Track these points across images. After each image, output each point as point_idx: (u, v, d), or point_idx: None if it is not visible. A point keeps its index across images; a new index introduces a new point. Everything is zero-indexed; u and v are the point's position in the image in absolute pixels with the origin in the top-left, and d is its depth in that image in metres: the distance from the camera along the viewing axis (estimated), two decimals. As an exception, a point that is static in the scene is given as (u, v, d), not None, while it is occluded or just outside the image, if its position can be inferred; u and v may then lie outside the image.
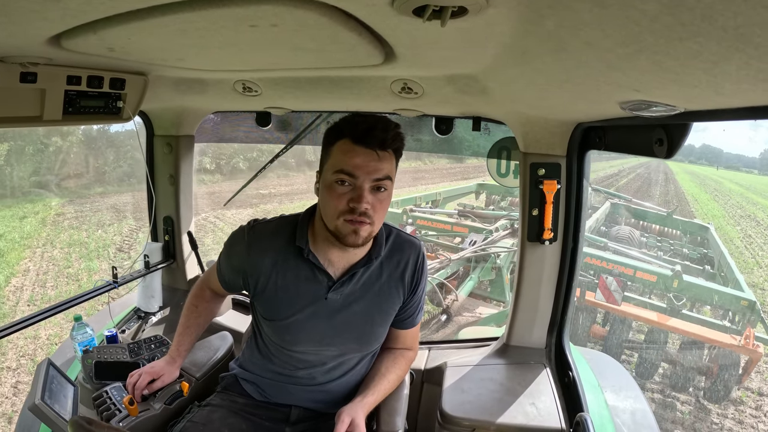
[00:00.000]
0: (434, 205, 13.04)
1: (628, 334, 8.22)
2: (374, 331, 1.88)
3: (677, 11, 0.61)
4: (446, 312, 7.80)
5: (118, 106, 1.98)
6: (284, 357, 1.86)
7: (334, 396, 1.92)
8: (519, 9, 0.82)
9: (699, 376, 7.73)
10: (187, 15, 0.94)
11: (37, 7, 0.90)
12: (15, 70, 1.50)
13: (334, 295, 1.76)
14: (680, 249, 12.15)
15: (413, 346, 2.07)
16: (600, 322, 8.58)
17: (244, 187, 3.55)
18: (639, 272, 8.43)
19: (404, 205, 11.67)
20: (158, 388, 1.96)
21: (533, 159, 2.18)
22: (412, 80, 1.76)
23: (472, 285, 8.36)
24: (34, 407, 1.77)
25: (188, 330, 2.04)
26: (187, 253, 3.16)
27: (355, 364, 1.92)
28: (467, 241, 9.47)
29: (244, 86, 2.09)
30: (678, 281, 8.11)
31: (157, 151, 2.96)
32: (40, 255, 12.23)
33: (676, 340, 8.31)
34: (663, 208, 15.42)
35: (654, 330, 8.00)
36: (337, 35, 1.08)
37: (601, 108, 1.51)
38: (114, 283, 2.68)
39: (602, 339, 8.30)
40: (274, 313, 1.80)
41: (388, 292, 1.84)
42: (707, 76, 0.83)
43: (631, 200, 14.80)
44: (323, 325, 1.78)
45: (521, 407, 2.11)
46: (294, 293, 1.76)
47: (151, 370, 1.97)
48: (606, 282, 8.06)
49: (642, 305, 8.30)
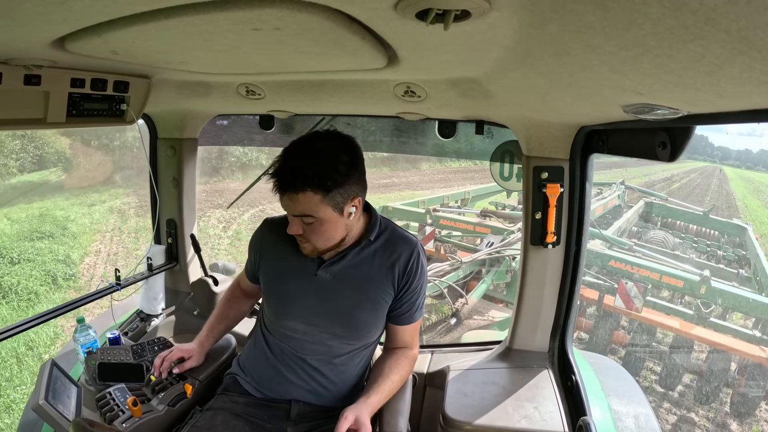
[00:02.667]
0: (463, 204, 12.88)
1: (651, 342, 7.89)
2: (360, 317, 1.93)
3: (680, 14, 0.61)
4: (456, 315, 7.75)
5: (122, 108, 1.99)
6: (278, 335, 1.98)
7: (330, 390, 1.96)
8: (522, 12, 0.82)
9: (725, 389, 7.34)
10: (190, 18, 0.95)
11: (42, 10, 0.91)
12: (19, 72, 1.50)
13: (323, 273, 1.90)
14: (716, 250, 11.82)
15: (413, 344, 2.09)
16: (625, 327, 8.31)
17: (248, 190, 3.57)
18: (665, 277, 8.09)
19: (431, 204, 11.56)
20: (187, 368, 2.08)
21: (536, 162, 2.18)
22: (415, 84, 1.76)
23: (485, 288, 8.24)
24: (37, 407, 1.78)
25: (220, 319, 2.22)
26: (190, 256, 3.16)
27: (348, 358, 1.97)
28: (484, 243, 9.38)
29: (247, 89, 2.10)
30: (705, 287, 7.74)
31: (161, 154, 2.97)
32: (110, 238, 13.48)
33: (703, 349, 7.76)
34: (699, 207, 14.92)
35: (678, 338, 7.61)
36: (340, 39, 1.08)
37: (604, 111, 1.51)
38: (117, 285, 2.69)
39: (624, 346, 8.01)
40: (271, 284, 1.99)
41: (378, 281, 1.91)
42: (710, 79, 0.83)
43: (666, 199, 14.49)
44: (312, 300, 1.91)
45: (524, 411, 2.11)
46: (287, 263, 1.94)
47: (183, 348, 2.10)
48: (625, 287, 7.73)
49: (667, 311, 7.94)
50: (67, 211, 14.66)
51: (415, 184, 24.26)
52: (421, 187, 22.73)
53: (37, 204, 15.08)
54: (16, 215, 13.91)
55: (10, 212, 14.12)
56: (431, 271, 8.22)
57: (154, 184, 2.95)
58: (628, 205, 13.57)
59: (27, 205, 14.84)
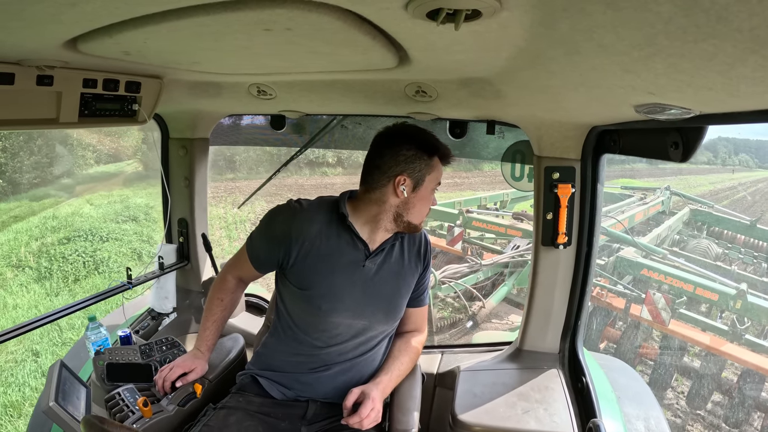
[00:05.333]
0: (502, 206, 12.71)
1: (681, 357, 7.44)
2: (399, 303, 2.03)
3: (691, 13, 0.61)
4: (472, 318, 7.69)
5: (134, 109, 2.00)
6: (316, 333, 1.94)
7: (353, 380, 1.97)
8: (532, 12, 0.82)
9: (757, 413, 6.84)
10: (201, 19, 0.95)
11: (54, 11, 0.92)
12: (32, 72, 1.52)
13: (370, 264, 1.93)
14: (762, 262, 11.20)
15: (423, 327, 2.19)
16: (655, 339, 7.93)
17: (259, 189, 3.58)
18: (699, 289, 7.57)
19: (467, 205, 11.44)
20: (193, 379, 2.01)
21: (548, 163, 2.17)
22: (426, 83, 1.76)
23: (506, 291, 8.16)
24: (48, 410, 1.78)
25: (214, 324, 2.10)
26: (201, 255, 3.17)
27: (377, 343, 2.03)
28: (510, 246, 9.30)
29: (258, 89, 2.10)
30: (741, 301, 7.17)
31: (173, 154, 2.98)
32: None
33: (736, 369, 7.31)
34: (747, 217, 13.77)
35: (710, 355, 7.11)
36: (351, 39, 1.08)
37: (615, 111, 1.51)
38: (128, 283, 2.71)
39: (653, 359, 7.58)
40: (312, 280, 1.89)
41: (409, 266, 2.03)
42: (722, 78, 0.83)
43: (713, 206, 13.79)
44: (359, 293, 1.92)
45: (534, 412, 2.10)
46: (337, 257, 1.90)
47: (183, 364, 2.02)
48: (653, 298, 7.35)
49: (699, 325, 7.55)
50: (146, 198, 15.74)
51: (477, 185, 24.49)
52: (482, 188, 22.78)
53: (117, 192, 16.54)
54: (98, 201, 15.46)
55: (92, 198, 15.74)
56: (447, 273, 8.19)
57: (165, 183, 2.96)
58: (672, 211, 13.03)
59: (107, 193, 16.31)
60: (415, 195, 1.85)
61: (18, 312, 9.58)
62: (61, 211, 14.27)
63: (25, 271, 11.23)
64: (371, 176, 1.86)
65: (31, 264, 11.51)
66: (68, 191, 16.23)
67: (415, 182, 1.83)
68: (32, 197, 15.41)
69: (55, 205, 14.89)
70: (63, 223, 13.39)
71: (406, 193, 1.82)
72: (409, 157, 1.80)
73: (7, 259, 11.76)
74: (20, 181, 15.93)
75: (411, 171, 1.81)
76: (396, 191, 1.82)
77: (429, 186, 1.87)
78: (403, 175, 1.80)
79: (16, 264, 11.64)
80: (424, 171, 1.83)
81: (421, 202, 1.88)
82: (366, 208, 1.89)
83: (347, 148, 3.25)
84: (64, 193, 15.98)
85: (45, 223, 13.32)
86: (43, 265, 11.36)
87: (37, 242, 12.41)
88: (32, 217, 13.96)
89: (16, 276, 11.17)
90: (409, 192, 1.83)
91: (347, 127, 2.90)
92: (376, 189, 1.85)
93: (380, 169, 1.83)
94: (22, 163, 16.00)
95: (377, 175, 1.84)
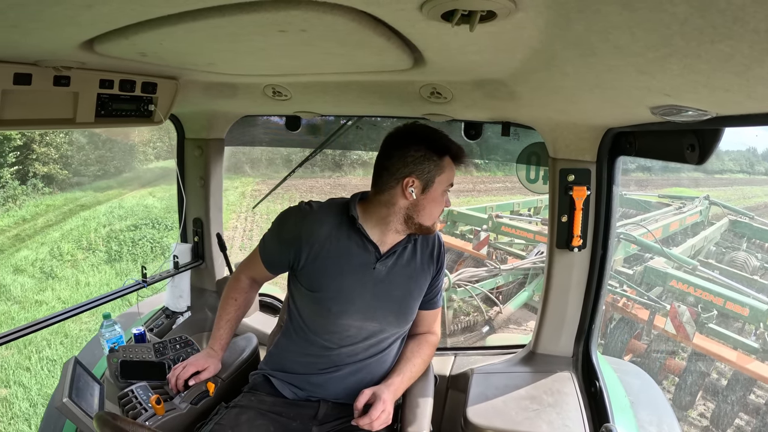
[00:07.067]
0: (535, 212, 12.69)
1: (708, 374, 7.15)
2: (410, 306, 2.01)
3: (708, 13, 0.60)
4: (488, 323, 7.63)
5: (150, 109, 2.03)
6: (327, 334, 1.93)
7: (365, 381, 1.96)
8: (547, 13, 0.82)
9: None
10: (217, 20, 0.96)
11: (71, 13, 0.93)
12: (49, 73, 1.54)
13: (380, 266, 1.91)
14: None
15: (436, 330, 2.17)
16: (680, 354, 7.58)
17: (274, 189, 3.60)
18: (729, 303, 7.33)
19: (499, 210, 11.41)
20: (206, 378, 2.01)
21: (563, 165, 2.15)
22: (441, 85, 1.76)
23: (527, 297, 8.09)
24: (62, 406, 1.80)
25: (228, 323, 2.10)
26: (216, 255, 3.19)
27: (389, 345, 2.01)
28: (534, 251, 9.23)
29: (273, 90, 2.11)
30: None
31: (188, 154, 3.00)
32: (245, 218, 16.37)
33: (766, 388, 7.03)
34: None
35: (737, 373, 6.88)
36: (366, 40, 1.08)
37: (631, 113, 1.49)
38: (143, 282, 2.73)
39: (678, 373, 7.31)
40: (322, 282, 1.90)
41: (422, 269, 2.00)
42: (739, 79, 0.82)
43: (753, 217, 13.20)
44: (369, 295, 1.91)
45: (546, 416, 2.08)
46: (346, 259, 1.89)
47: (196, 362, 2.02)
48: (677, 310, 7.10)
49: (725, 341, 7.22)
50: (205, 193, 17.60)
51: (516, 190, 24.61)
52: (521, 192, 23.01)
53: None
54: (159, 194, 16.94)
55: (154, 191, 17.33)
56: (463, 276, 8.15)
57: (180, 183, 2.98)
58: (710, 221, 12.63)
59: (168, 186, 17.17)
60: (424, 197, 1.82)
61: (90, 288, 11.03)
62: (127, 202, 16.21)
63: (96, 254, 12.80)
64: (380, 178, 1.84)
65: (100, 248, 13.08)
66: (131, 184, 18.17)
67: (425, 184, 1.80)
68: (96, 188, 17.46)
69: (119, 196, 16.88)
70: (129, 212, 15.19)
71: (415, 195, 1.79)
72: (418, 158, 1.77)
73: (78, 243, 13.20)
74: (85, 173, 18.02)
75: (420, 172, 1.78)
76: (405, 193, 1.80)
77: (439, 187, 1.83)
78: (411, 177, 1.78)
79: (87, 247, 13.13)
80: (433, 172, 1.80)
81: (432, 204, 1.85)
82: (376, 210, 1.88)
83: (363, 149, 3.26)
84: (127, 186, 17.96)
85: (112, 212, 15.17)
86: (113, 248, 12.91)
87: (105, 228, 13.99)
88: (99, 206, 15.84)
89: (86, 258, 12.69)
90: (418, 194, 1.80)
91: (362, 128, 2.91)
92: (385, 191, 1.83)
93: (389, 171, 1.81)
94: (88, 156, 18.05)
95: (386, 176, 1.82)
